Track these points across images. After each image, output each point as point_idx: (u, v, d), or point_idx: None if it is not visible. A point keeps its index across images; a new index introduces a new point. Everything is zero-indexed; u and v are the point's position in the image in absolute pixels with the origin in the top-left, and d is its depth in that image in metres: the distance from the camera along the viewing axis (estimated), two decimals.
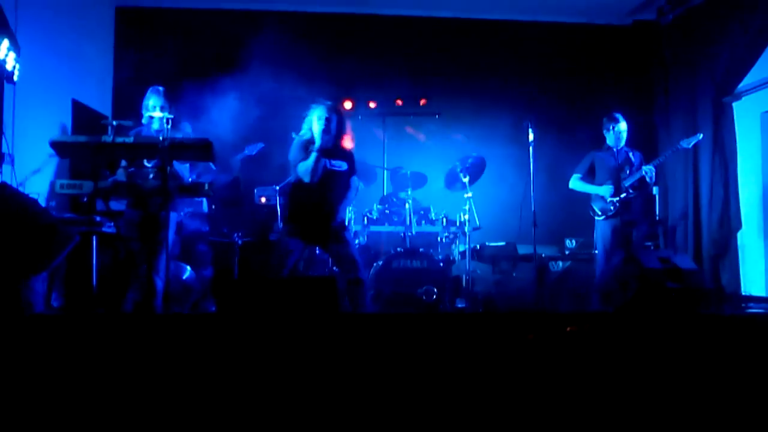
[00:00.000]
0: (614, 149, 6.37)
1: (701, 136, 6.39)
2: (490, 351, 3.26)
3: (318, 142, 5.05)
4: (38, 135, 5.55)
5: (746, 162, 7.33)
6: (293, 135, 5.24)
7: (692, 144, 6.27)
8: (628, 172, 6.27)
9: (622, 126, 6.35)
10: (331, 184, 5.14)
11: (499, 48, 8.72)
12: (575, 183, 6.52)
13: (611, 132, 6.35)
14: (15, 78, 5.51)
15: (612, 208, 6.22)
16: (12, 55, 5.36)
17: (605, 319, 3.68)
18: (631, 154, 6.37)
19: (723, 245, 7.22)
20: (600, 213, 6.31)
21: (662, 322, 3.56)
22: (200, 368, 3.09)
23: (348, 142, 5.32)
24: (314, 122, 5.10)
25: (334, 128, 5.13)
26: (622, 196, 6.19)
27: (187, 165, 5.18)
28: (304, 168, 5.04)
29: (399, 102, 8.60)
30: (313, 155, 5.01)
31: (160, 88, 5.16)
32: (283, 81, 7.17)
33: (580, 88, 8.55)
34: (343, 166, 5.18)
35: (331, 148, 5.13)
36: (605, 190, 6.26)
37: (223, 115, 6.66)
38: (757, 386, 3.23)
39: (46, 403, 2.94)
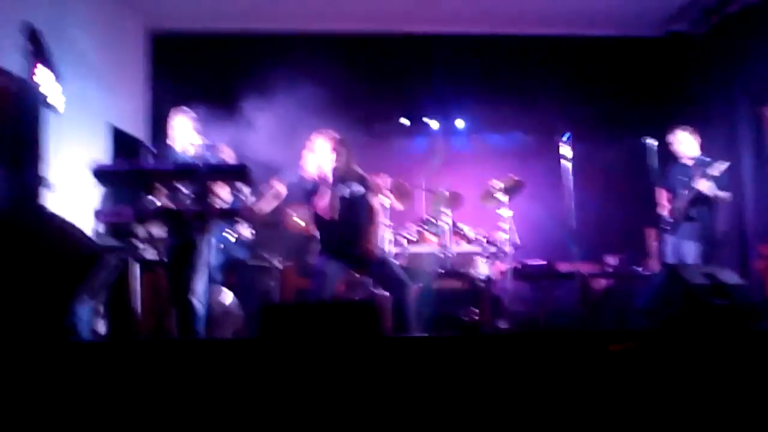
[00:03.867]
0: (680, 162, 6.28)
1: (729, 163, 6.25)
2: (533, 372, 3.22)
3: (329, 177, 5.08)
4: (77, 161, 5.62)
5: None
6: (300, 173, 5.26)
7: (722, 171, 6.12)
8: (686, 189, 6.16)
9: (685, 140, 6.26)
10: (353, 212, 5.18)
11: (534, 64, 8.67)
12: (660, 194, 6.47)
13: (678, 149, 6.29)
14: (61, 109, 5.61)
15: (668, 226, 6.16)
16: (57, 87, 5.46)
17: (650, 337, 3.62)
18: (694, 169, 6.24)
19: None
20: (659, 231, 6.27)
21: (709, 340, 3.50)
22: (242, 394, 3.09)
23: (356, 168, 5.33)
24: (321, 156, 5.12)
25: (343, 159, 5.16)
26: (677, 216, 6.12)
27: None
28: (322, 207, 5.07)
29: (435, 121, 8.61)
30: (326, 192, 5.05)
31: (190, 112, 5.21)
32: (318, 103, 7.20)
33: (616, 102, 8.47)
34: (359, 190, 5.20)
35: (342, 175, 5.15)
36: (666, 207, 6.21)
37: (259, 139, 6.71)
38: None
39: (90, 429, 2.96)
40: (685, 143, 6.29)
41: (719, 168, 6.00)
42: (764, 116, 7.33)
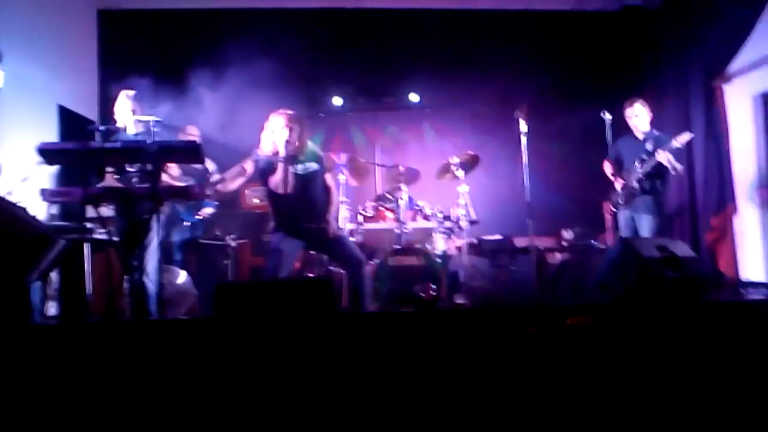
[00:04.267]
0: (633, 136, 6.33)
1: (692, 135, 6.32)
2: (490, 346, 3.23)
3: (282, 152, 5.05)
4: (24, 142, 5.49)
5: (739, 146, 7.29)
6: (256, 152, 5.22)
7: (684, 143, 6.18)
8: (639, 162, 6.22)
9: (638, 112, 6.31)
10: (307, 188, 5.16)
11: (489, 39, 8.66)
12: (605, 167, 6.52)
13: (631, 120, 6.34)
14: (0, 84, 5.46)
15: (621, 200, 6.22)
16: None
17: (605, 310, 3.66)
18: (647, 143, 6.27)
19: (720, 231, 7.19)
20: (612, 204, 6.33)
21: (662, 312, 3.54)
22: (197, 373, 3.06)
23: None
24: (275, 133, 5.09)
25: (296, 135, 5.12)
26: (629, 190, 6.17)
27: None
28: (275, 182, 5.05)
29: (388, 98, 8.57)
30: (280, 167, 5.02)
31: (131, 92, 5.14)
32: (270, 79, 7.11)
33: (572, 76, 8.48)
34: (313, 166, 5.18)
35: (297, 153, 5.13)
36: (617, 182, 6.26)
37: (211, 116, 6.61)
38: (758, 372, 3.22)
39: (44, 412, 2.91)
40: (641, 116, 6.33)
41: (682, 139, 6.05)
42: (716, 90, 7.42)
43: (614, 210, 6.44)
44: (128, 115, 5.09)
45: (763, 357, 3.28)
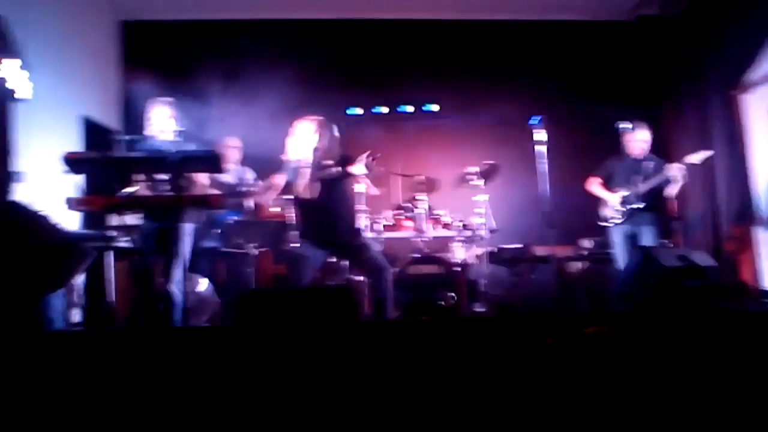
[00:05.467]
0: (631, 158, 6.36)
1: (712, 152, 6.36)
2: (510, 354, 3.23)
3: (310, 158, 5.09)
4: (49, 153, 5.57)
5: (761, 155, 7.26)
6: (282, 158, 5.25)
7: (702, 160, 6.23)
8: (640, 180, 6.25)
9: (643, 136, 6.35)
10: (333, 195, 5.17)
11: (506, 49, 8.71)
12: (592, 186, 6.53)
13: (631, 142, 6.36)
14: (28, 96, 5.56)
15: (620, 216, 6.25)
16: (24, 73, 5.41)
17: (625, 319, 3.65)
18: (645, 163, 6.35)
19: (741, 241, 7.17)
20: (607, 220, 6.34)
21: (682, 321, 3.53)
22: (219, 382, 3.08)
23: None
24: (303, 139, 5.12)
25: (325, 141, 5.15)
26: (631, 206, 6.21)
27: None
28: (301, 188, 5.09)
29: (409, 106, 8.61)
30: (307, 173, 5.07)
31: (166, 100, 5.17)
32: (291, 90, 7.16)
33: (589, 86, 8.50)
34: (339, 173, 5.20)
35: (324, 159, 5.15)
36: (614, 198, 6.28)
37: (233, 127, 6.68)
38: None
39: (66, 419, 2.94)
40: (646, 141, 6.38)
41: (701, 156, 6.13)
42: (735, 100, 7.40)
43: (607, 226, 6.46)
44: (167, 123, 5.12)
45: None
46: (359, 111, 8.72)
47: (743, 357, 3.30)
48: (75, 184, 5.48)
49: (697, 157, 6.15)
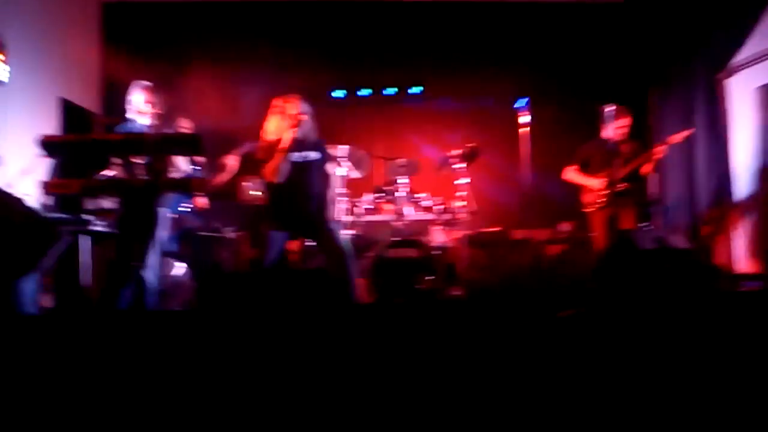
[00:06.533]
0: (608, 141, 6.36)
1: (690, 131, 6.38)
2: (487, 338, 3.24)
3: (285, 139, 5.05)
4: (26, 135, 5.52)
5: (740, 139, 7.29)
6: (258, 139, 5.23)
7: (683, 139, 6.25)
8: (620, 164, 6.26)
9: (625, 122, 6.34)
10: (303, 178, 5.14)
11: (491, 30, 8.66)
12: (570, 174, 6.51)
13: (612, 126, 6.33)
14: (5, 79, 5.50)
15: (602, 200, 6.25)
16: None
17: (601, 302, 3.67)
18: (624, 146, 6.35)
19: (718, 224, 7.21)
20: (588, 204, 6.34)
21: (658, 303, 3.55)
22: (193, 365, 3.07)
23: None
24: (281, 119, 5.09)
25: (303, 122, 5.13)
26: (613, 189, 6.21)
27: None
28: (270, 170, 5.05)
29: (391, 89, 8.59)
30: (276, 156, 5.03)
31: (147, 84, 5.12)
32: (274, 72, 7.13)
33: (575, 69, 8.49)
34: (312, 156, 5.19)
35: (300, 141, 5.12)
36: (596, 183, 6.28)
37: (214, 108, 6.63)
38: (753, 361, 3.23)
39: (36, 403, 2.93)
40: (627, 126, 6.39)
41: (683, 135, 6.15)
42: (719, 84, 7.42)
43: (589, 211, 6.47)
44: (146, 106, 5.08)
45: (758, 345, 3.29)
46: (342, 93, 8.69)
47: (717, 337, 3.32)
48: (50, 166, 5.44)
49: (678, 137, 6.18)
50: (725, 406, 3.08)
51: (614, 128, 6.34)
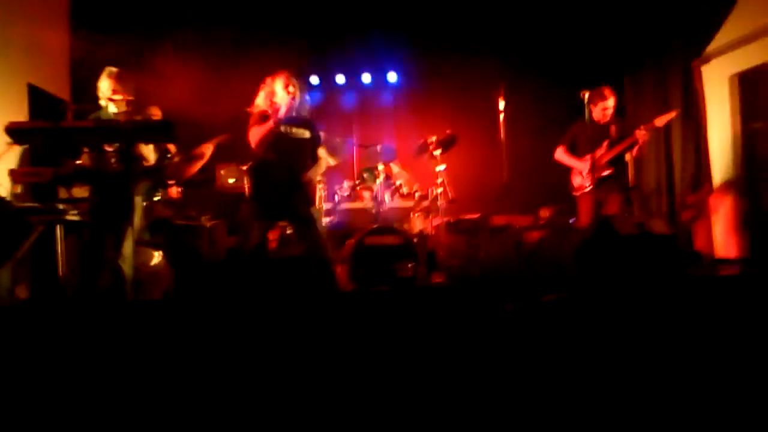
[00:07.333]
0: (597, 123, 6.33)
1: (674, 113, 6.37)
2: (468, 324, 3.22)
3: (280, 109, 4.93)
4: None
5: (716, 126, 7.33)
6: (248, 111, 5.10)
7: (665, 122, 6.24)
8: (607, 146, 6.24)
9: (610, 102, 6.30)
10: (295, 155, 5.03)
11: (467, 16, 8.60)
12: (559, 154, 6.48)
13: (597, 107, 6.30)
14: None
15: (589, 183, 6.22)
16: None
17: (582, 286, 3.66)
18: (612, 128, 6.33)
19: (696, 209, 7.25)
20: (577, 187, 6.32)
21: (638, 288, 3.56)
22: (170, 354, 3.02)
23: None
24: (272, 93, 5.00)
25: (294, 97, 5.01)
26: (599, 173, 6.19)
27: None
28: (256, 138, 4.91)
29: (367, 75, 8.53)
30: (268, 124, 4.89)
31: (115, 70, 5.00)
32: (245, 57, 7.03)
33: (551, 55, 8.46)
34: (305, 134, 5.09)
35: (291, 116, 5.02)
36: (583, 165, 6.25)
37: (185, 94, 6.52)
38: (731, 343, 3.24)
39: (14, 393, 2.87)
40: (611, 105, 6.36)
41: (666, 118, 6.14)
42: (694, 70, 7.45)
43: (578, 194, 6.45)
44: (116, 92, 4.96)
45: (737, 330, 3.30)
46: (316, 80, 8.62)
47: (697, 321, 3.33)
48: (20, 154, 5.33)
49: (663, 120, 6.17)
50: (705, 389, 3.09)
51: (600, 109, 6.31)
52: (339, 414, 2.93)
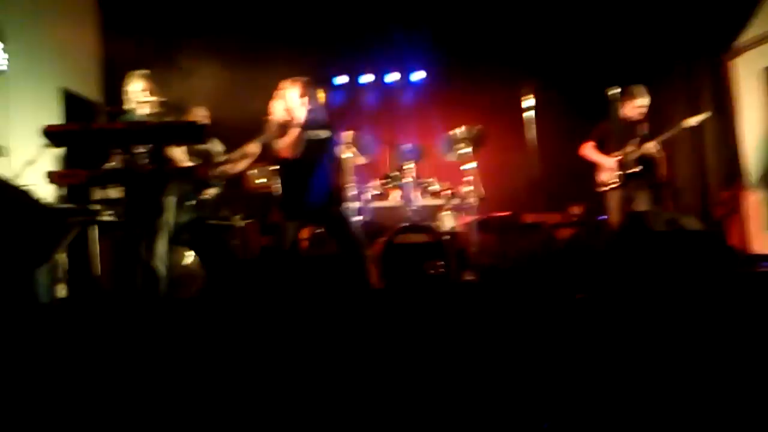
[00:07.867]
0: (626, 121, 6.28)
1: (707, 114, 6.31)
2: (499, 321, 3.22)
3: (299, 117, 5.00)
4: (30, 126, 5.49)
5: (749, 120, 7.25)
6: (268, 119, 5.17)
7: (700, 121, 6.19)
8: (636, 145, 6.20)
9: (643, 101, 6.25)
10: (317, 157, 5.07)
11: (497, 13, 8.57)
12: (587, 150, 6.44)
13: (629, 105, 6.25)
14: (4, 67, 5.47)
15: (616, 180, 6.18)
16: None
17: (614, 284, 3.65)
18: (640, 126, 6.27)
19: (730, 205, 7.18)
20: (604, 185, 6.27)
21: (671, 285, 3.54)
22: (203, 353, 3.06)
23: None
24: (291, 99, 5.05)
25: (311, 103, 5.08)
26: (627, 171, 6.14)
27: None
28: (286, 145, 4.98)
29: (393, 74, 8.54)
30: (292, 132, 4.96)
31: (143, 72, 5.07)
32: (274, 60, 7.07)
33: (580, 52, 8.40)
34: (325, 134, 5.13)
35: (311, 120, 5.07)
36: (609, 162, 6.21)
37: (213, 96, 6.57)
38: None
39: (52, 391, 2.92)
40: (643, 106, 6.30)
41: (701, 118, 6.11)
42: (724, 65, 7.38)
43: (604, 190, 6.40)
44: (142, 95, 5.02)
45: None
46: (344, 80, 8.65)
47: (731, 317, 3.30)
48: (56, 157, 5.41)
49: (696, 119, 6.12)
50: (745, 387, 3.06)
51: (633, 107, 6.26)
52: (372, 411, 2.95)
